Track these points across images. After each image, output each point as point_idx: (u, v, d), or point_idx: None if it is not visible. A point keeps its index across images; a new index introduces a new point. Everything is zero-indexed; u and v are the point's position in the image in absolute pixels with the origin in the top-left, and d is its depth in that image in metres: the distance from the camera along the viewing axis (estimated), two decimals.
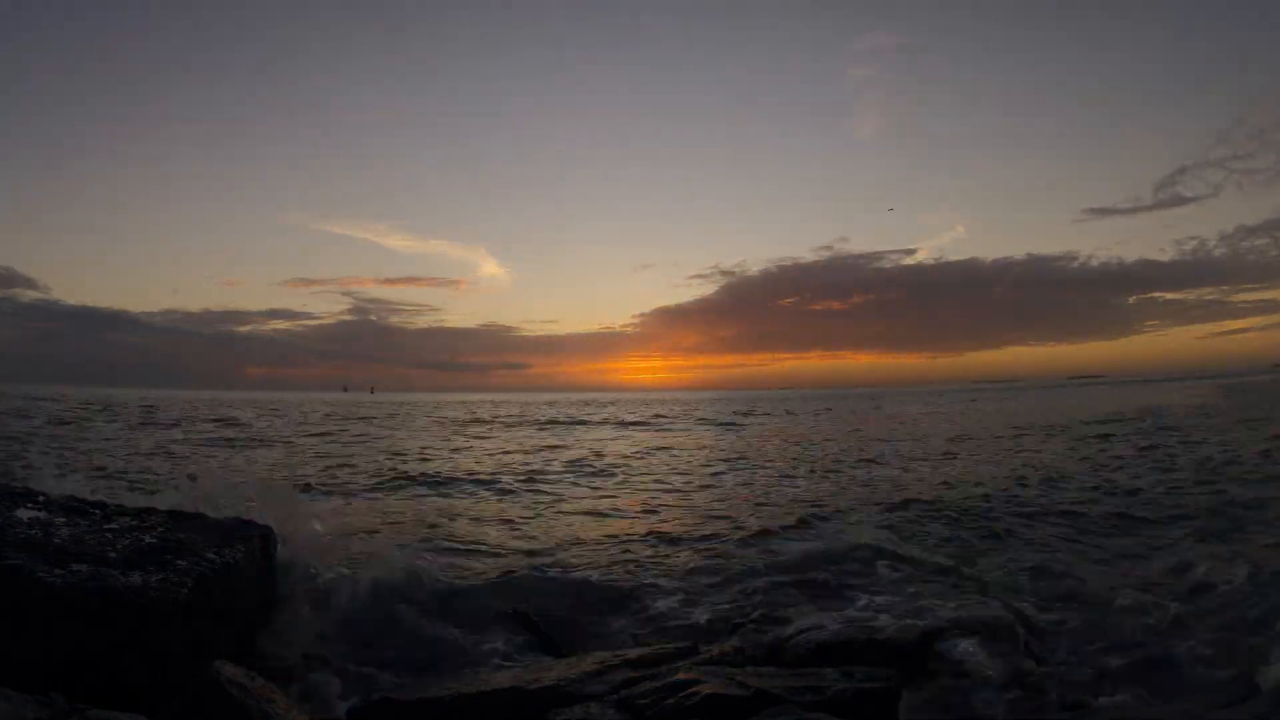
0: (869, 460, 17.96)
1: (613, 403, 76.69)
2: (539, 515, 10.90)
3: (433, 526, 9.74)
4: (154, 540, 4.83)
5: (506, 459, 19.05)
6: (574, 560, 8.02)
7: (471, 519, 10.48)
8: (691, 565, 7.79)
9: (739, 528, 9.58)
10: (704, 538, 9.08)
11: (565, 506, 11.74)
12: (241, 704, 3.47)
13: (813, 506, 11.07)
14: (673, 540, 8.98)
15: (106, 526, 5.05)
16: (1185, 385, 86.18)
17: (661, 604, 6.60)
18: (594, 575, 7.41)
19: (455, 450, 21.60)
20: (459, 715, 3.99)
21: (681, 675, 4.17)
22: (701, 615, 6.29)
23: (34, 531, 4.60)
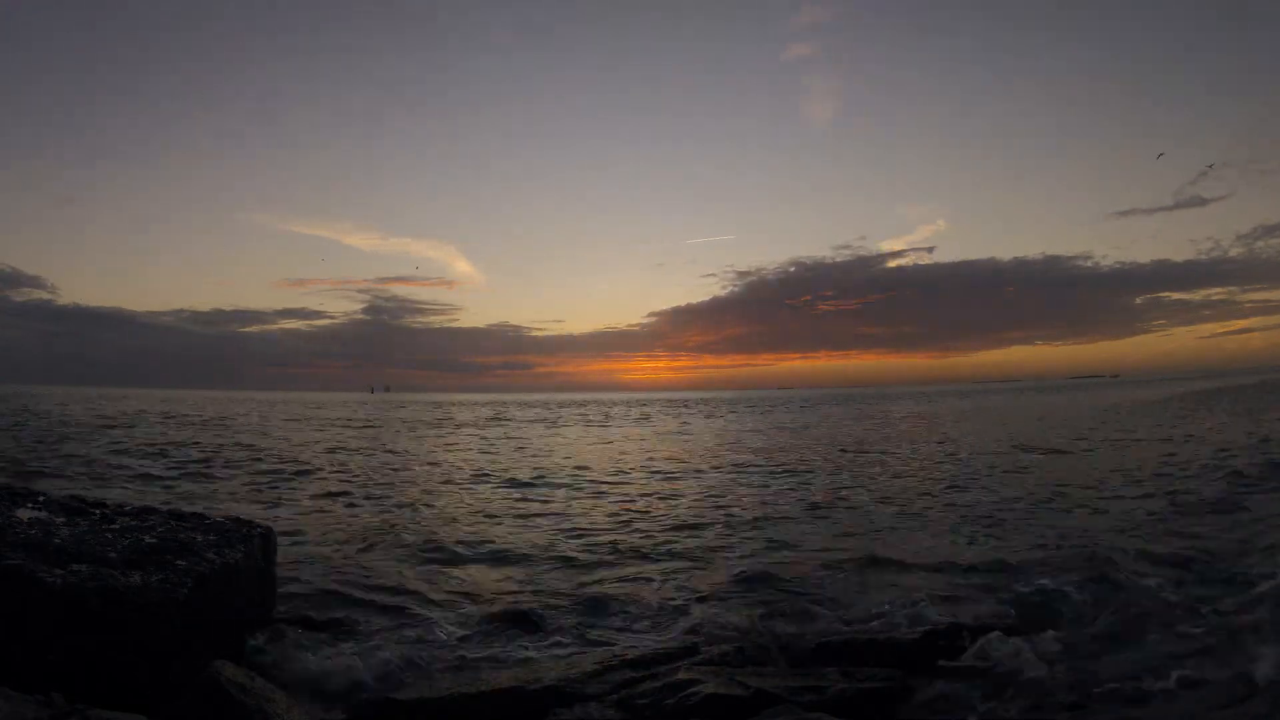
0: None
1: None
2: None
3: None
4: (154, 540, 4.83)
5: None
6: None
7: None
8: None
9: None
10: None
11: None
12: (241, 704, 3.47)
13: None
14: None
15: (106, 526, 5.05)
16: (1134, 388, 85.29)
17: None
18: None
19: None
20: (459, 715, 3.99)
21: (681, 675, 4.17)
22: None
23: (34, 531, 4.60)
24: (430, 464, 18.44)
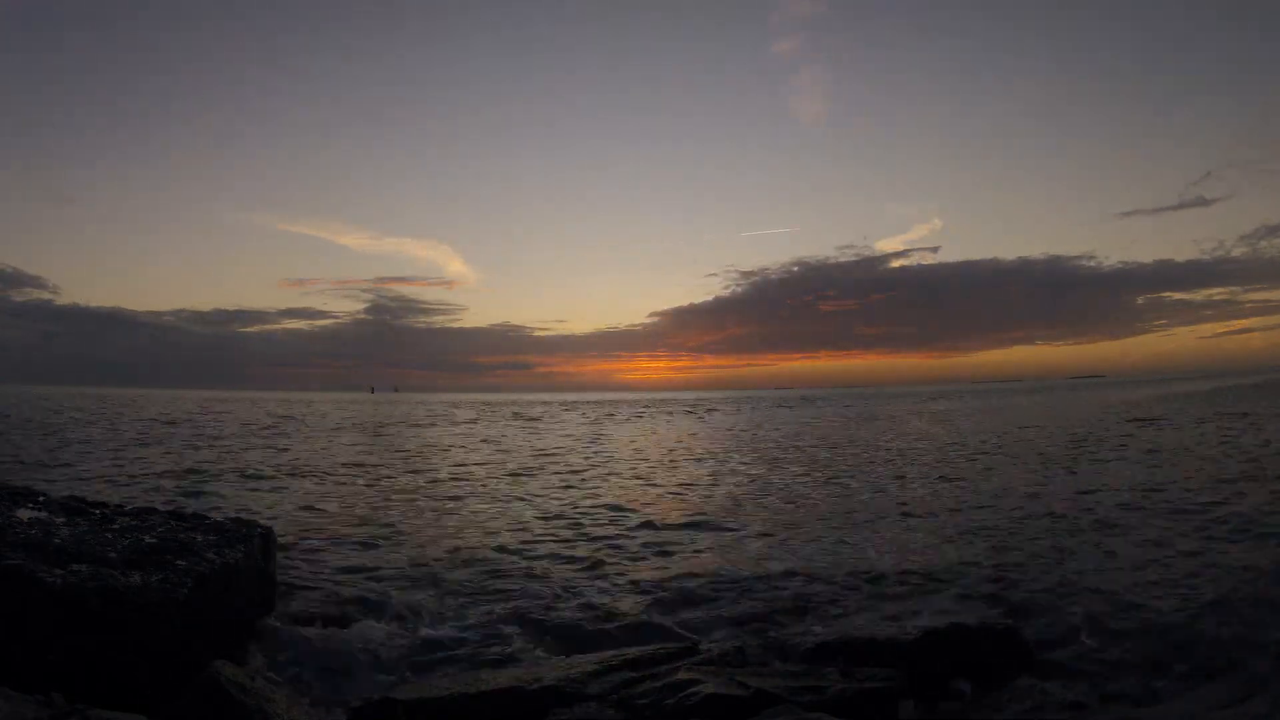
0: None
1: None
2: None
3: None
4: (154, 540, 4.83)
5: None
6: None
7: None
8: None
9: None
10: None
11: None
12: (241, 704, 3.47)
13: None
14: None
15: (106, 527, 5.05)
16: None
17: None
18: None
19: None
20: (459, 715, 3.99)
21: (681, 675, 4.16)
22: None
23: (34, 531, 4.61)
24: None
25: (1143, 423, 27.16)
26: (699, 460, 19.37)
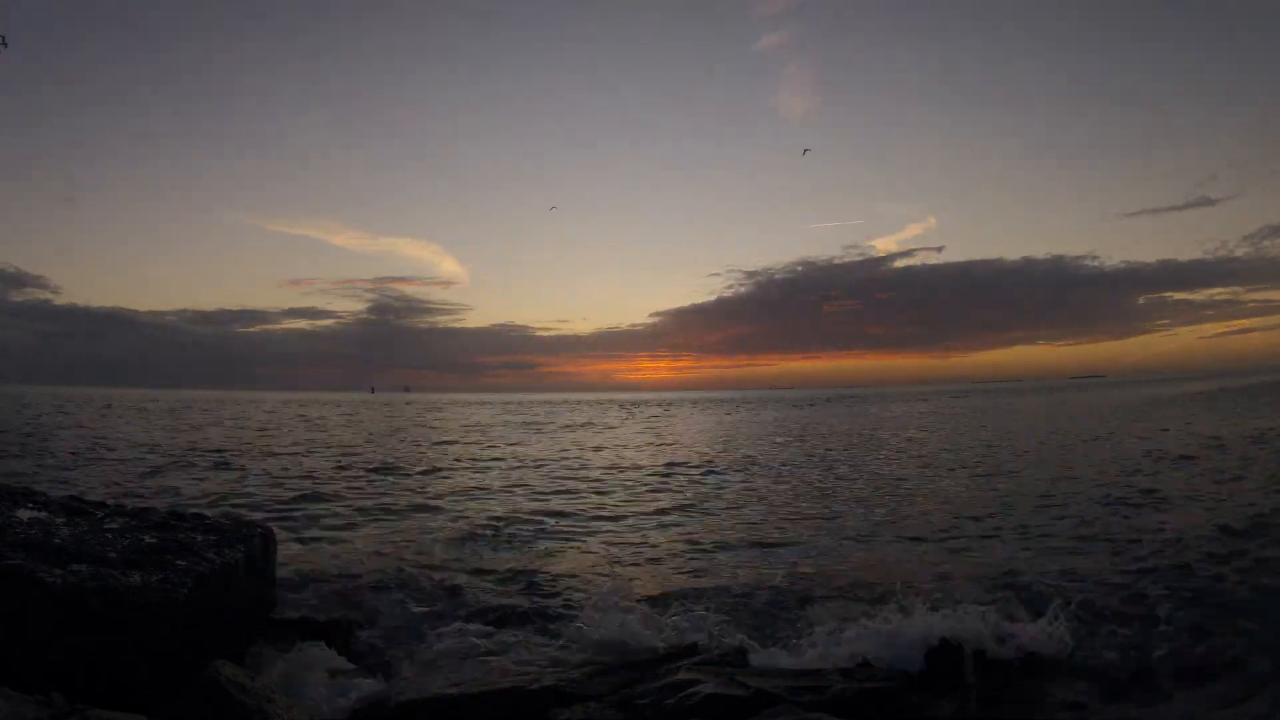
0: None
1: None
2: None
3: None
4: (154, 540, 4.83)
5: None
6: None
7: None
8: None
9: None
10: None
11: None
12: (241, 704, 3.47)
13: None
14: None
15: (106, 526, 5.05)
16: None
17: None
18: None
19: None
20: (459, 715, 3.99)
21: (681, 675, 4.17)
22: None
23: (34, 531, 4.60)
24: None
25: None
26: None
